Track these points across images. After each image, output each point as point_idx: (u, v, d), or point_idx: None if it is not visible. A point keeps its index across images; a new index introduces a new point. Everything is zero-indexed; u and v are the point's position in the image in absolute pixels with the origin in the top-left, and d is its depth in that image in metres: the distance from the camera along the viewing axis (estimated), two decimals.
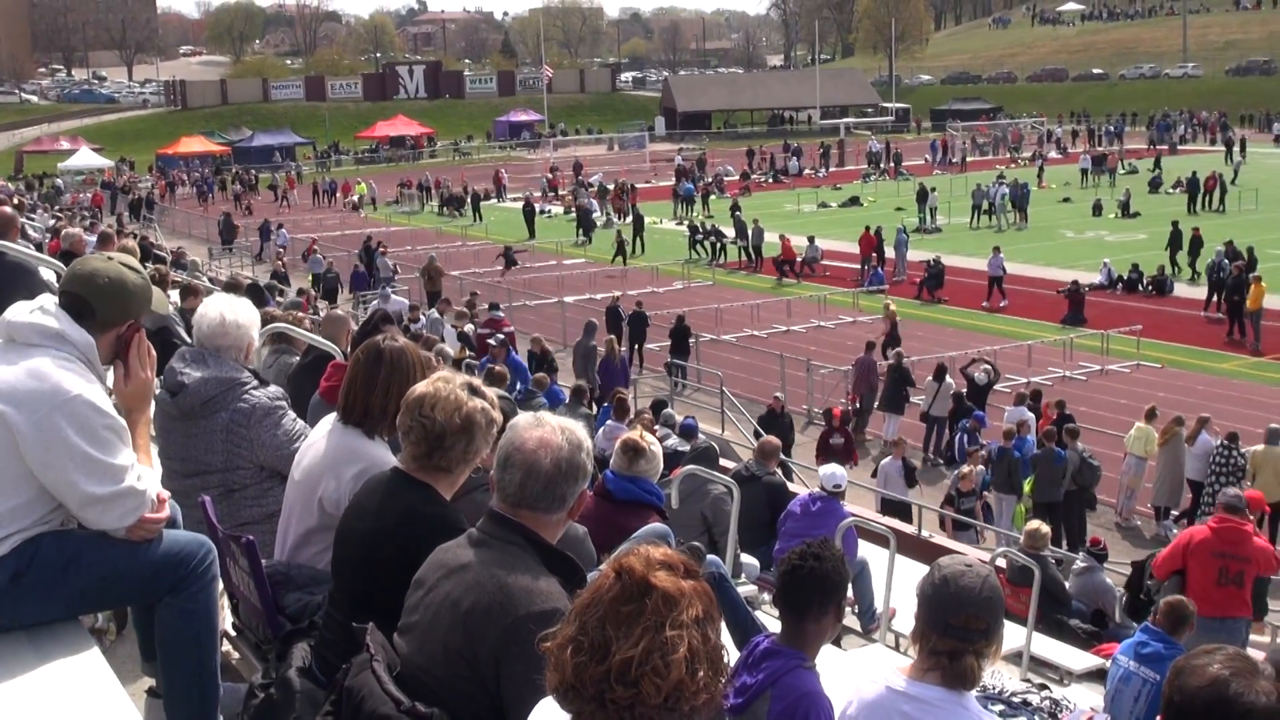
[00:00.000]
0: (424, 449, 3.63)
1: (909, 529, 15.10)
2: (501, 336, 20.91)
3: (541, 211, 55.77)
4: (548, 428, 3.24)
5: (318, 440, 4.39)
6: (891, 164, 72.31)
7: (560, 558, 3.19)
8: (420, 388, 3.70)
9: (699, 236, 44.73)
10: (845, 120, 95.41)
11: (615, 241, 44.04)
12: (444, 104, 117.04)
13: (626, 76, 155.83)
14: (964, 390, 22.61)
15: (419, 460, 3.66)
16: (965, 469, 17.80)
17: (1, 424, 3.55)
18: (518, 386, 18.77)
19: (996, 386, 23.77)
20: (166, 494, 3.92)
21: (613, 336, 24.06)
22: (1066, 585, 12.42)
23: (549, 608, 2.97)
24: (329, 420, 4.41)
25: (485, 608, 3.03)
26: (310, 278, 37.61)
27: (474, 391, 3.70)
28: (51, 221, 23.94)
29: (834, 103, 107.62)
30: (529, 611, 2.98)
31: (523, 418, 3.30)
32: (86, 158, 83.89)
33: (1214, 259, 33.37)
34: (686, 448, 13.35)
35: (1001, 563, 11.58)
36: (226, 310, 4.97)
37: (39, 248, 14.00)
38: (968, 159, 75.16)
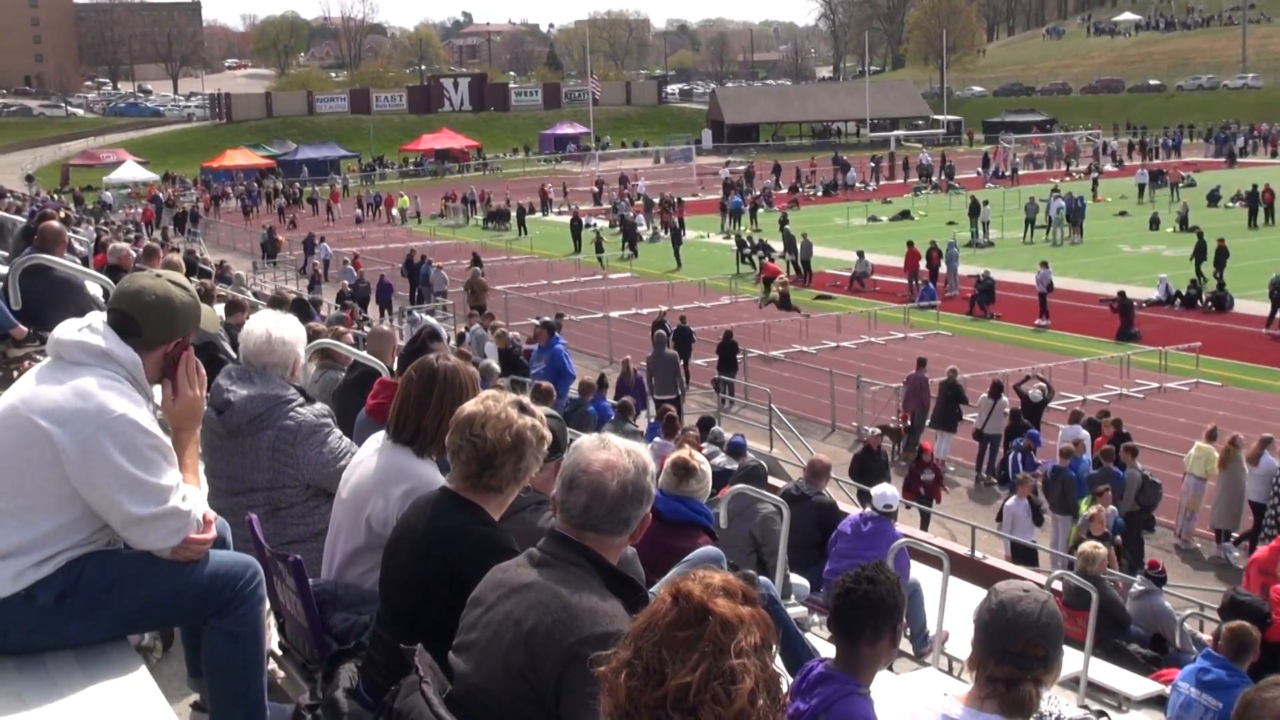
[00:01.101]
0: (474, 468, 3.64)
1: (962, 550, 14.98)
2: (550, 320, 21.05)
3: (586, 225, 55.91)
4: (614, 450, 3.25)
5: (366, 458, 4.40)
6: (943, 177, 72.00)
7: (624, 580, 3.20)
8: (469, 406, 3.71)
9: (746, 251, 44.69)
10: (895, 133, 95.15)
11: (594, 240, 46.35)
12: (489, 117, 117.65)
13: (673, 88, 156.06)
14: (1018, 408, 22.42)
15: (469, 480, 3.66)
16: (1094, 510, 15.76)
17: (47, 443, 3.58)
18: (569, 394, 18.86)
19: (1051, 404, 23.57)
20: (213, 514, 3.93)
21: (629, 356, 24.01)
22: (1125, 608, 12.28)
23: (613, 629, 2.97)
24: (378, 438, 4.42)
25: (549, 627, 3.04)
26: (341, 289, 38.10)
27: (523, 409, 3.70)
28: (97, 236, 24.14)
29: (884, 115, 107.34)
30: (592, 633, 2.98)
31: (588, 439, 3.31)
32: (132, 171, 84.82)
33: (1276, 275, 32.95)
34: (735, 466, 13.31)
35: (1058, 585, 11.46)
36: (273, 327, 5.00)
37: (84, 262, 14.16)
38: (1020, 172, 74.71)
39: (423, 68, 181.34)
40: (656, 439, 15.13)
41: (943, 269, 39.19)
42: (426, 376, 4.35)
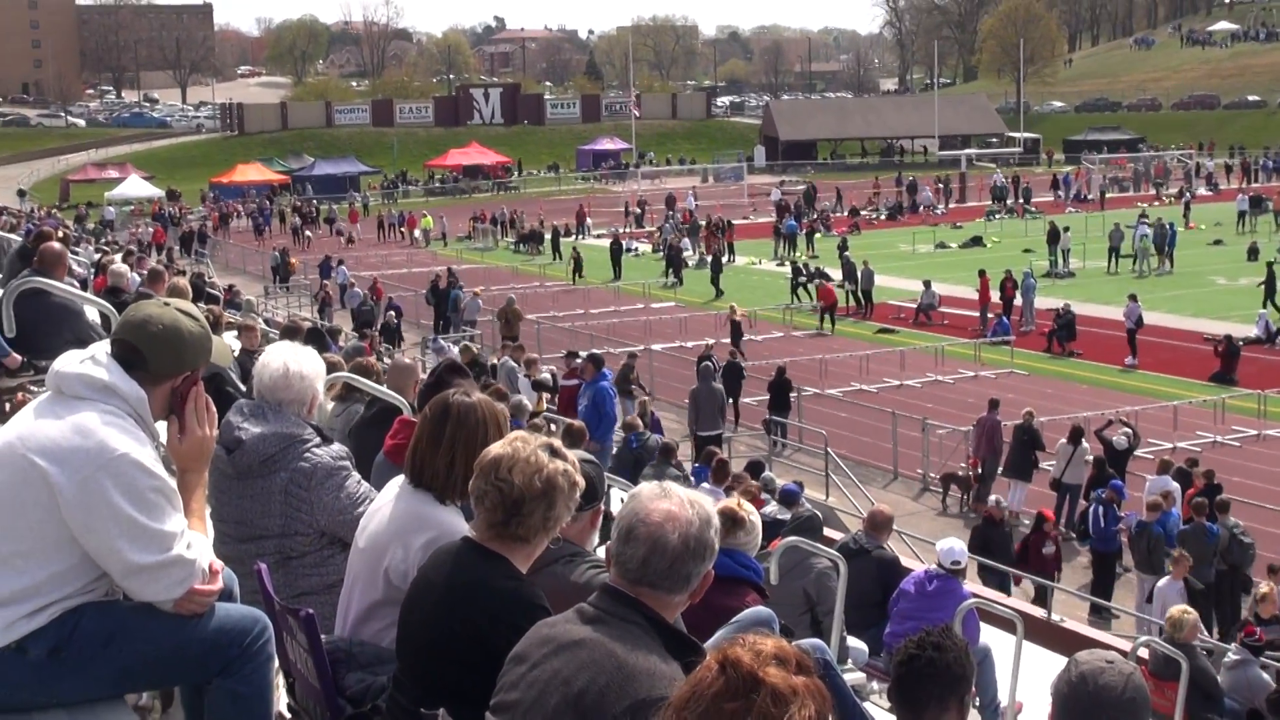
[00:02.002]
0: (500, 516, 3.64)
1: (1038, 612, 14.85)
2: (597, 354, 21.02)
3: (628, 249, 56.02)
4: (675, 500, 3.25)
5: (384, 504, 4.41)
6: (1019, 200, 71.73)
7: (685, 642, 3.20)
8: (496, 449, 3.71)
9: (802, 279, 44.65)
10: (967, 151, 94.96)
11: (572, 257, 47.30)
12: (522, 130, 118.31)
13: (723, 101, 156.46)
14: (1101, 456, 22.25)
15: (494, 529, 3.67)
16: (1265, 588, 14.41)
17: (43, 483, 3.60)
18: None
19: (1137, 452, 23.38)
20: (220, 564, 3.94)
21: (645, 398, 23.99)
22: (1218, 679, 12.14)
23: (671, 695, 2.97)
24: (397, 483, 4.44)
25: (602, 688, 3.04)
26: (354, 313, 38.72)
27: (555, 453, 3.71)
28: (97, 256, 24.41)
29: (954, 131, 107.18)
30: (649, 696, 2.97)
31: (647, 487, 3.30)
32: (135, 186, 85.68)
33: None
34: (787, 516, 13.27)
35: (1144, 653, 11.35)
36: (290, 360, 5.04)
37: (84, 285, 14.32)
38: (1105, 195, 74.37)
39: (451, 77, 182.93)
40: (705, 484, 15.09)
41: (1018, 301, 38.99)
42: (438, 414, 4.36)
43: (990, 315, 38.02)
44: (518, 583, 3.65)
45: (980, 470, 23.69)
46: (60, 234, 21.96)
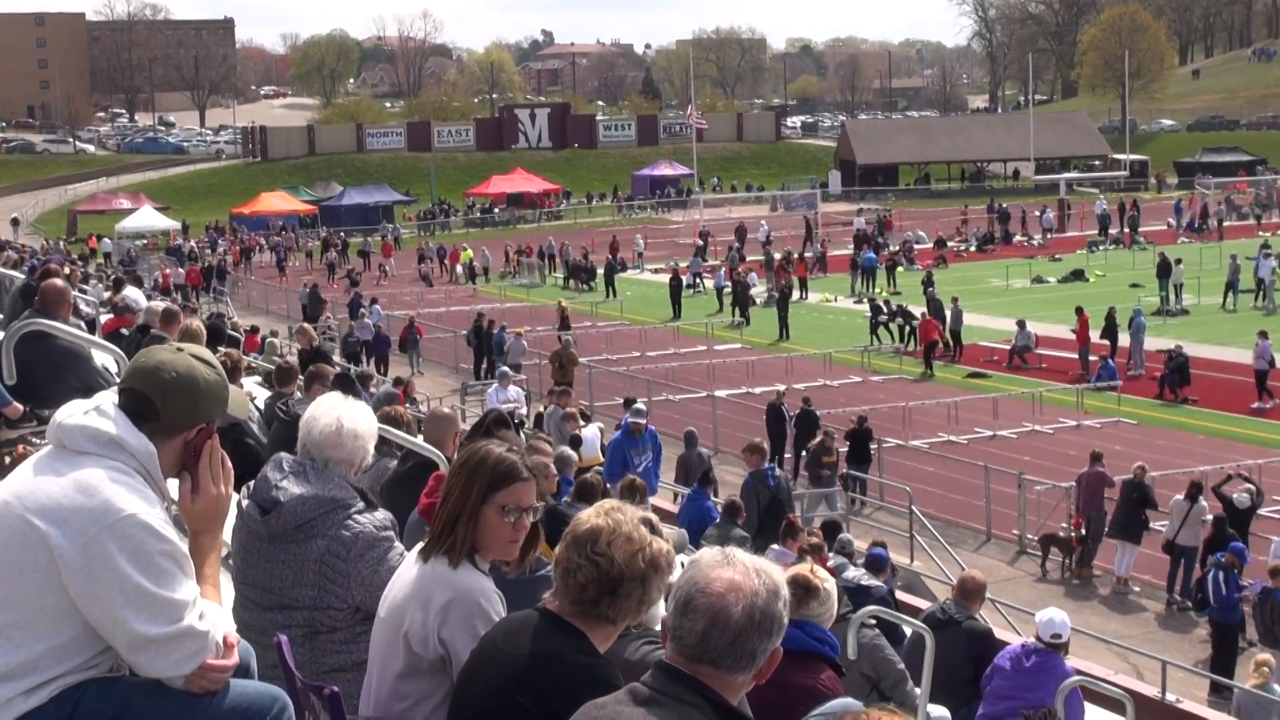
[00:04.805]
0: (592, 593, 3.67)
1: (1150, 691, 14.67)
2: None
3: (689, 286, 56.10)
4: (739, 567, 3.23)
5: (407, 567, 4.46)
6: (1125, 230, 71.39)
7: None
8: (591, 518, 3.74)
9: (883, 318, 44.54)
10: (1066, 175, 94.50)
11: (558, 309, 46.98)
12: (572, 155, 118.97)
13: (794, 121, 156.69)
14: (1220, 515, 21.99)
15: (581, 605, 3.69)
16: None
17: (43, 547, 3.61)
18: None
19: (1261, 511, 23.09)
20: (236, 637, 3.94)
21: (693, 427, 23.89)
22: None
23: None
24: (420, 545, 4.48)
25: None
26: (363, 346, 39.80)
27: (654, 529, 3.74)
28: (106, 294, 24.68)
29: (1052, 154, 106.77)
30: None
31: (708, 554, 3.29)
32: (148, 218, 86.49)
33: None
34: (874, 583, 13.21)
35: None
36: (345, 417, 5.06)
37: (91, 326, 14.46)
38: (1222, 223, 73.84)
39: (494, 96, 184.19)
40: (773, 547, 15.01)
41: (1125, 342, 38.73)
42: (458, 464, 4.42)
43: (1093, 358, 37.75)
44: (595, 659, 3.68)
45: (1085, 532, 23.47)
46: (66, 270, 22.23)
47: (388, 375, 35.89)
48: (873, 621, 9.09)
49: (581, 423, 23.87)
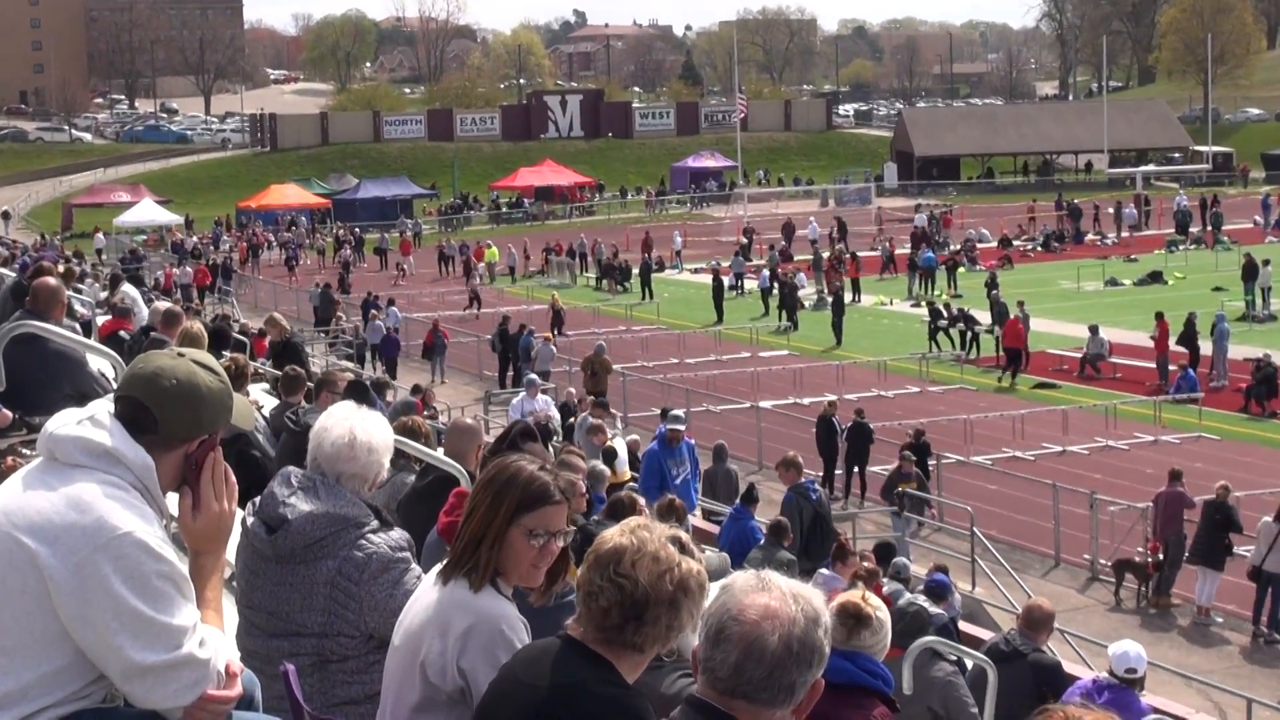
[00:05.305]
0: (616, 619, 3.63)
1: None
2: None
3: (732, 288, 56.07)
4: (775, 593, 3.22)
5: (424, 591, 4.46)
6: (1207, 228, 71.08)
7: None
8: (614, 537, 3.71)
9: (943, 323, 44.43)
10: (1143, 169, 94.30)
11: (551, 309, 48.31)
12: (606, 145, 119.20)
13: (847, 109, 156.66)
14: None
15: (605, 631, 3.66)
16: None
17: (31, 567, 3.60)
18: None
19: None
20: (239, 666, 3.94)
21: (723, 441, 23.86)
22: None
23: None
24: (439, 567, 4.48)
25: None
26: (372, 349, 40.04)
27: (684, 548, 3.69)
28: (104, 294, 24.80)
29: (1127, 145, 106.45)
30: None
31: (741, 578, 3.27)
32: (149, 212, 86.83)
33: None
34: (933, 610, 13.16)
35: None
36: (359, 428, 5.07)
37: (87, 328, 14.53)
38: None
39: (521, 82, 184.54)
40: (822, 570, 14.99)
41: (1207, 350, 38.54)
42: (485, 480, 4.42)
43: (1172, 367, 37.56)
44: (623, 689, 3.65)
45: (1163, 556, 23.35)
46: (63, 269, 22.35)
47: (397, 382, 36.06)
48: (953, 657, 9.03)
49: (610, 434, 23.88)
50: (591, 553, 3.71)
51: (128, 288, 22.20)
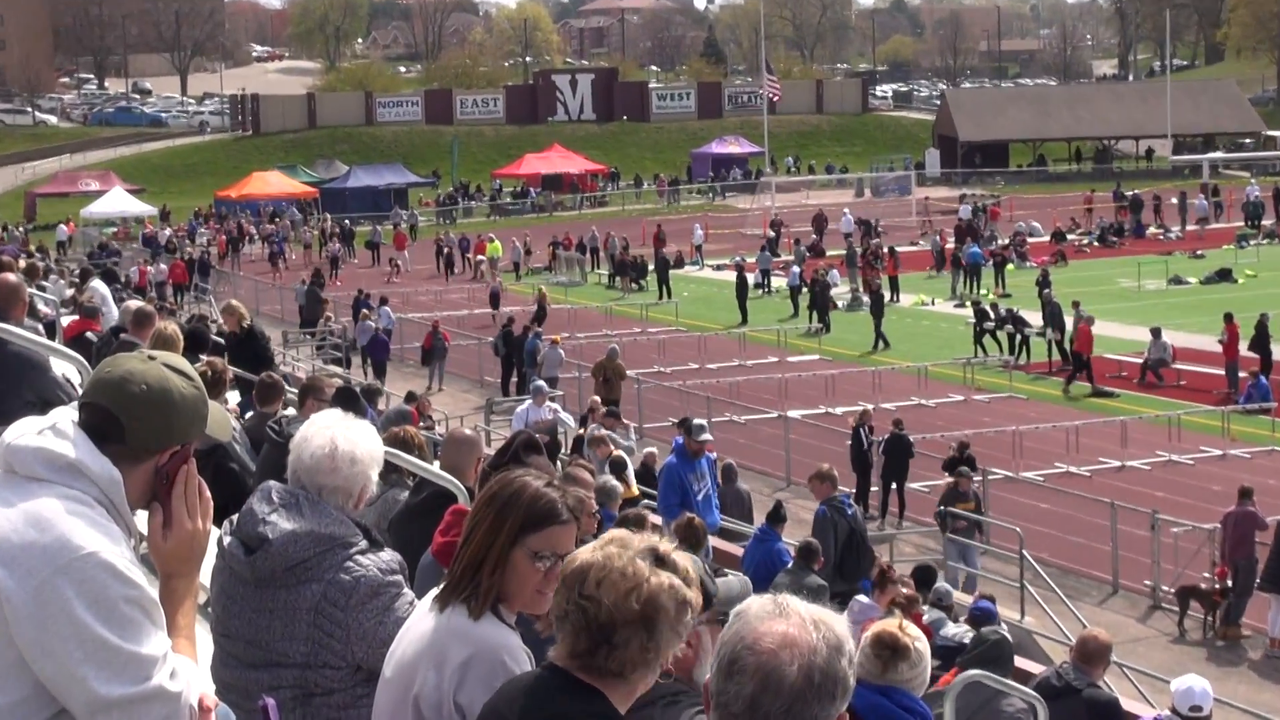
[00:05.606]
0: (586, 643, 3.62)
1: None
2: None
3: (758, 286, 56.03)
4: (794, 619, 3.19)
5: (419, 619, 4.46)
6: None
7: None
8: (585, 555, 3.70)
9: (990, 324, 44.38)
10: (1210, 156, 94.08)
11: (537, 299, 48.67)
12: (620, 129, 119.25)
13: (884, 90, 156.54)
14: None
15: (580, 658, 3.65)
16: None
17: None
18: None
19: None
20: (214, 700, 3.94)
21: (730, 460, 23.91)
22: None
23: None
24: (435, 592, 4.49)
25: None
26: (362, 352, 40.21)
27: (661, 561, 3.67)
28: (69, 291, 24.85)
29: (1194, 130, 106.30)
30: None
31: (756, 603, 3.25)
32: (120, 201, 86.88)
33: None
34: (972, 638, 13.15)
35: None
36: (341, 437, 5.02)
37: (50, 329, 14.55)
38: None
39: (527, 60, 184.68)
40: (859, 598, 14.97)
41: (1278, 355, 38.50)
42: (486, 497, 4.43)
43: (1243, 374, 37.49)
44: None
45: (1230, 583, 23.30)
46: (24, 265, 22.38)
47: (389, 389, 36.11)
48: (1035, 699, 9.02)
49: (624, 444, 23.93)
50: (560, 572, 3.71)
51: (97, 284, 22.14)
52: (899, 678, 6.52)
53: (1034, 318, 43.99)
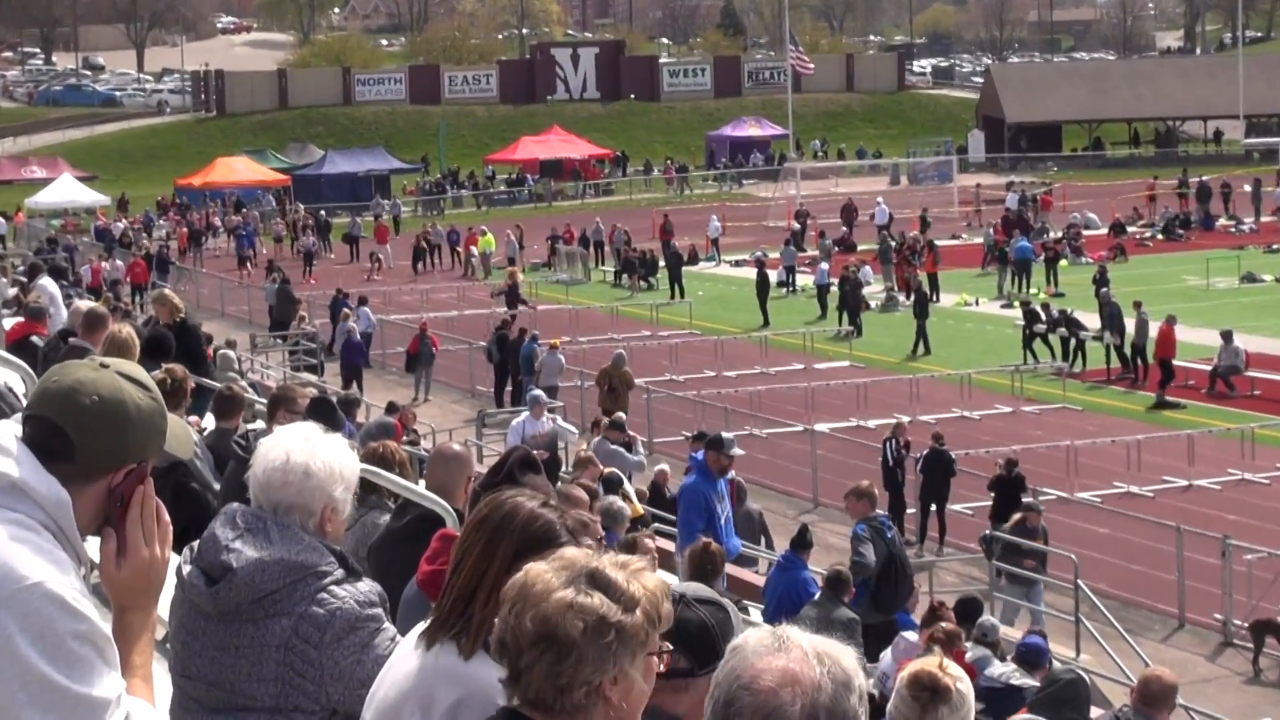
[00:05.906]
0: (505, 671, 3.57)
1: None
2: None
3: (781, 284, 55.99)
4: (795, 653, 3.19)
5: (402, 657, 4.46)
6: None
7: None
8: (515, 576, 3.64)
9: (1041, 327, 44.36)
10: None
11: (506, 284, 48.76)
12: (627, 109, 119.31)
13: (923, 65, 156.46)
14: None
15: (517, 693, 3.63)
16: None
17: None
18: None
19: None
20: None
21: (738, 475, 23.90)
22: None
23: None
24: (421, 627, 4.48)
25: None
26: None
27: (593, 579, 3.59)
28: (12, 290, 24.87)
29: (1269, 109, 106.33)
30: None
31: (754, 637, 3.24)
32: (68, 190, 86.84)
33: None
34: (1026, 681, 13.13)
35: None
36: (296, 449, 4.96)
37: None
38: None
39: (524, 32, 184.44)
40: (905, 634, 14.93)
41: None
42: (476, 520, 4.43)
43: None
44: None
45: None
46: None
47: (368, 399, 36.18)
48: None
49: (601, 467, 23.77)
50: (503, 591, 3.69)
51: (46, 282, 22.19)
52: None
53: (1090, 320, 43.95)
